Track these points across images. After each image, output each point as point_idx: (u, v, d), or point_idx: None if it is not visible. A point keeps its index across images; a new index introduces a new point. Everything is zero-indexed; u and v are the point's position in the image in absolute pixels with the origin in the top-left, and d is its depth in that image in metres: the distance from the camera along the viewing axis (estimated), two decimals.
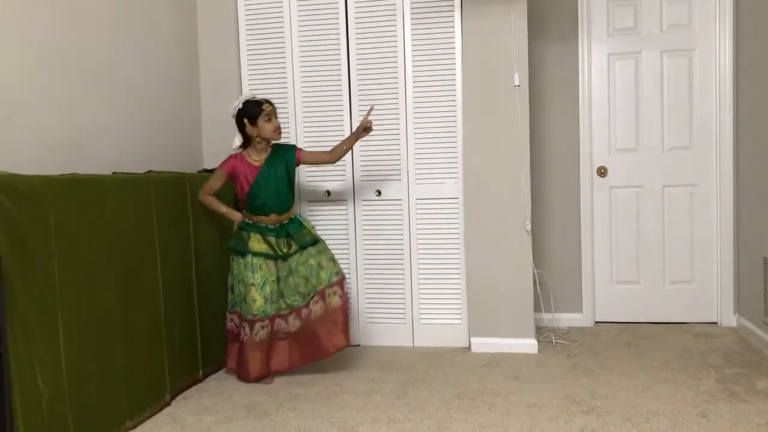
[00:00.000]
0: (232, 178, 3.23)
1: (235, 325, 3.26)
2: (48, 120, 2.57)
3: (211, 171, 3.67)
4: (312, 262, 3.19)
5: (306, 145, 3.77)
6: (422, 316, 3.71)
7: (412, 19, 3.63)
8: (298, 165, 3.31)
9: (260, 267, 3.14)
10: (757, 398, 2.75)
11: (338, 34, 3.72)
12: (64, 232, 2.27)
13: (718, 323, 3.99)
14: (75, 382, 2.29)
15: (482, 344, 3.59)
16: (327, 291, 3.17)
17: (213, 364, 3.35)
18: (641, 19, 4.01)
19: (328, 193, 3.77)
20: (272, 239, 3.19)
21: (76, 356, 2.30)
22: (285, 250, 3.19)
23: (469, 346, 3.64)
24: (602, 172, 4.08)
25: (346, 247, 3.77)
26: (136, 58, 3.23)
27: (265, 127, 3.16)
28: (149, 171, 3.11)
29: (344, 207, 3.76)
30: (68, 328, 2.26)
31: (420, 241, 3.70)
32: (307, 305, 3.17)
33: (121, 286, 2.59)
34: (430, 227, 3.69)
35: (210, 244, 3.37)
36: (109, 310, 2.50)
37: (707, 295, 4.03)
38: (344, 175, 3.74)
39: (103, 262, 2.48)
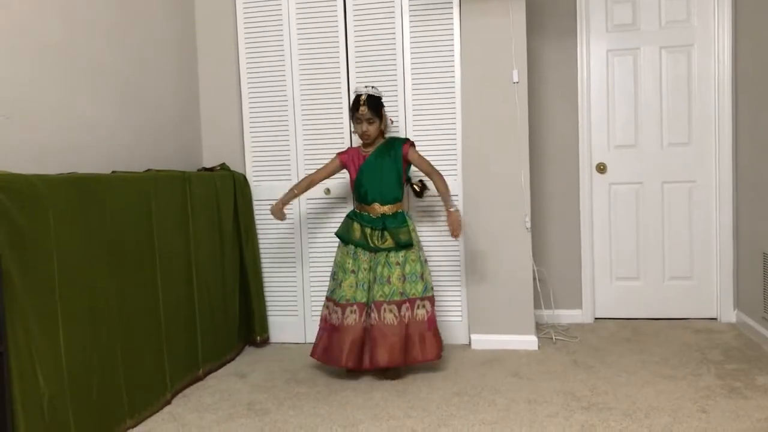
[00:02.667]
0: (345, 167, 3.29)
1: (329, 311, 3.24)
2: (47, 119, 2.57)
3: (210, 169, 3.68)
4: (411, 268, 3.16)
5: (305, 142, 3.78)
6: None
7: (410, 15, 3.63)
8: (406, 158, 3.23)
9: (358, 255, 3.17)
10: (756, 394, 2.76)
11: (336, 31, 3.71)
12: (64, 231, 2.27)
13: (718, 319, 3.99)
14: (76, 381, 2.29)
15: (482, 341, 3.60)
16: (418, 302, 3.15)
17: (213, 362, 3.35)
18: (640, 15, 4.01)
19: (328, 191, 3.77)
20: (368, 230, 3.17)
21: (77, 355, 2.31)
22: (377, 244, 3.15)
23: (469, 343, 3.65)
24: (601, 168, 4.08)
25: None
26: (135, 58, 3.22)
27: (355, 127, 3.24)
28: (148, 170, 3.11)
29: (344, 205, 3.76)
30: (68, 327, 2.26)
31: (420, 238, 3.69)
32: (400, 307, 3.10)
33: (121, 284, 2.59)
34: (430, 224, 3.69)
35: (210, 243, 3.37)
36: (109, 309, 2.50)
37: (707, 291, 4.03)
38: (344, 173, 3.73)
39: (102, 261, 2.48)
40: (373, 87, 3.25)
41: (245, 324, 3.75)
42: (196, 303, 3.20)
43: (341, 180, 3.75)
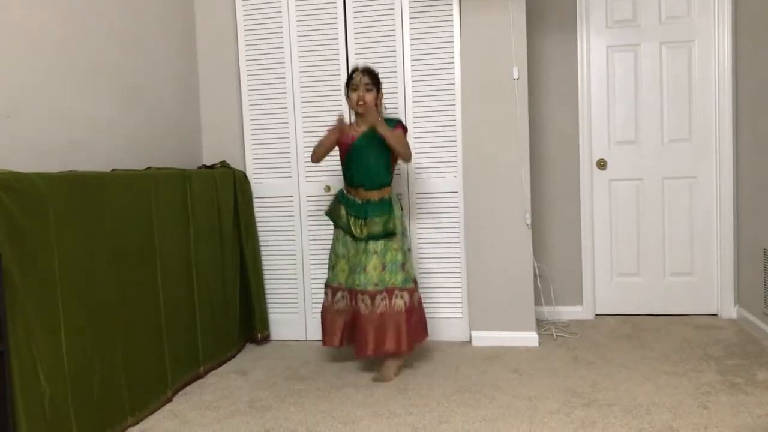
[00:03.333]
0: (339, 144, 3.20)
1: (325, 294, 3.29)
2: (47, 118, 2.57)
3: (211, 167, 3.68)
4: (392, 257, 3.09)
5: (305, 139, 3.77)
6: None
7: (410, 12, 3.62)
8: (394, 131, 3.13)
9: (346, 239, 3.17)
10: (757, 389, 2.76)
11: (336, 30, 3.71)
12: (64, 229, 2.27)
13: (719, 315, 3.99)
14: (77, 379, 2.29)
15: (483, 338, 3.60)
16: (396, 292, 3.08)
17: (214, 359, 3.36)
18: (640, 10, 4.00)
19: (328, 188, 3.77)
20: (352, 218, 3.13)
21: (78, 353, 2.31)
22: (360, 233, 3.10)
23: (470, 339, 3.65)
24: (602, 164, 4.08)
25: None
26: (135, 55, 3.22)
27: (351, 97, 3.15)
28: (148, 167, 3.11)
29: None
30: (69, 325, 2.26)
31: (420, 235, 3.70)
32: (373, 298, 3.04)
33: (121, 282, 2.59)
34: (430, 221, 3.69)
35: (210, 240, 3.37)
36: (109, 307, 2.51)
37: (707, 287, 4.03)
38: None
39: (103, 259, 2.48)
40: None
41: (246, 321, 3.76)
42: (196, 300, 3.20)
43: (341, 177, 3.74)
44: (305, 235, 3.83)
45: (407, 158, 3.15)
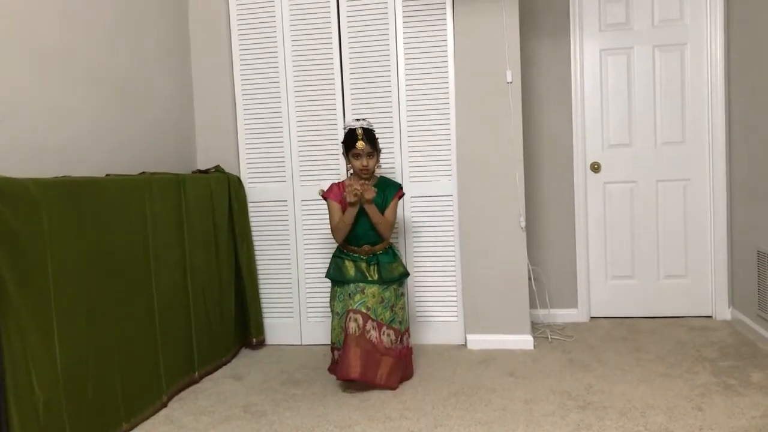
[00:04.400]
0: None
1: (332, 355, 3.25)
2: (41, 122, 2.56)
3: (205, 171, 3.67)
4: (389, 295, 3.09)
5: (300, 143, 3.77)
6: (418, 314, 3.72)
7: (404, 16, 3.63)
8: (393, 201, 3.19)
9: (351, 294, 3.07)
10: (751, 391, 2.77)
11: (330, 33, 3.71)
12: (58, 235, 2.26)
13: (713, 317, 4.00)
14: (71, 385, 2.28)
15: (478, 341, 3.60)
16: (384, 329, 3.04)
17: (209, 364, 3.35)
18: (633, 14, 4.02)
19: (323, 191, 3.77)
20: (363, 265, 3.12)
21: (72, 359, 2.30)
22: (375, 277, 3.10)
23: (465, 343, 3.65)
24: (596, 167, 4.09)
25: None
26: (129, 60, 3.21)
27: (353, 163, 3.12)
28: (143, 172, 3.11)
29: None
30: (63, 330, 2.25)
31: (415, 239, 3.71)
32: (366, 321, 3.01)
33: (115, 287, 2.58)
34: (425, 224, 3.70)
35: (205, 245, 3.36)
36: (104, 312, 2.49)
37: (702, 288, 4.04)
38: (338, 174, 3.74)
39: (97, 264, 2.47)
40: (365, 120, 3.16)
41: (241, 326, 3.75)
42: (191, 305, 3.20)
43: (336, 181, 3.74)
44: (300, 239, 3.82)
45: (385, 236, 3.16)
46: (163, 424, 2.70)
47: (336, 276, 3.17)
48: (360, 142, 3.07)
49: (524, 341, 3.57)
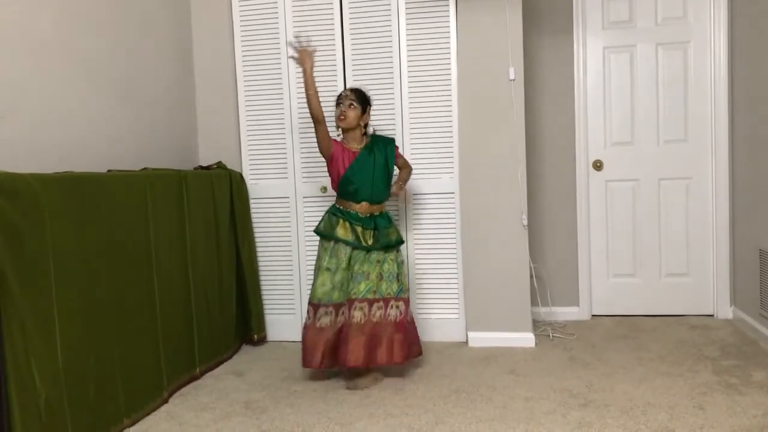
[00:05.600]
0: (332, 158, 3.10)
1: (307, 314, 3.17)
2: (42, 118, 2.56)
3: (207, 168, 3.67)
4: (389, 267, 3.10)
5: (302, 139, 3.77)
6: (419, 311, 3.71)
7: (407, 13, 3.62)
8: (397, 161, 3.21)
9: (338, 253, 3.08)
10: (753, 390, 2.76)
11: (333, 28, 3.71)
12: (60, 231, 2.26)
13: (715, 315, 4.00)
14: (72, 381, 2.28)
15: (479, 339, 3.60)
16: (392, 302, 3.06)
17: (210, 360, 3.35)
18: (636, 12, 4.01)
19: (324, 189, 3.77)
20: (359, 228, 3.09)
21: (74, 355, 2.30)
22: (369, 243, 3.08)
23: (467, 340, 3.65)
24: (598, 165, 4.09)
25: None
26: (131, 56, 3.21)
27: (335, 111, 3.14)
28: (144, 168, 3.11)
29: None
30: (65, 327, 2.25)
31: (416, 236, 3.70)
32: (371, 305, 3.02)
33: (117, 283, 2.58)
34: (427, 221, 3.69)
35: (206, 241, 3.36)
36: (105, 308, 2.50)
37: (703, 287, 4.04)
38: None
39: (98, 260, 2.47)
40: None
41: (242, 322, 3.75)
42: (192, 301, 3.20)
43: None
44: (301, 236, 3.82)
45: (407, 178, 3.31)
46: (164, 420, 2.71)
47: (325, 232, 3.12)
48: (346, 90, 3.13)
49: (525, 339, 3.56)
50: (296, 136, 3.79)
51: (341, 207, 3.14)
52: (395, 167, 3.24)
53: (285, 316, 3.89)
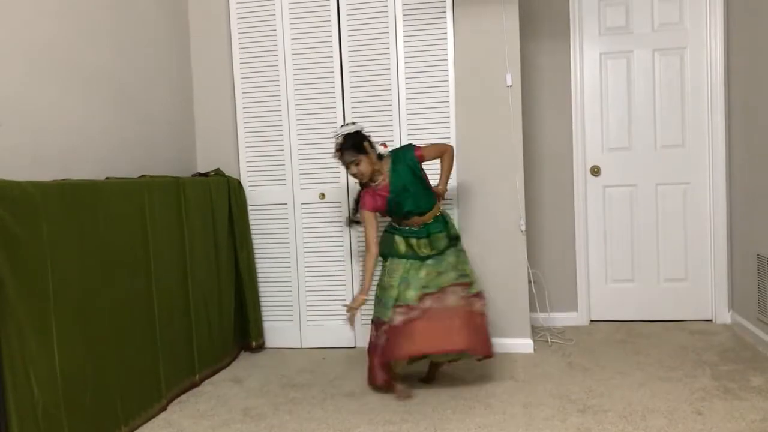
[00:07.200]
0: (377, 210, 3.06)
1: (374, 335, 3.04)
2: (40, 125, 2.56)
3: (205, 174, 3.67)
4: (463, 256, 3.09)
5: (300, 146, 3.78)
6: None
7: (404, 21, 3.63)
8: (421, 162, 3.07)
9: (399, 269, 3.01)
10: (751, 395, 2.76)
11: (330, 37, 3.72)
12: (58, 238, 2.26)
13: (713, 320, 4.00)
14: (70, 388, 2.28)
15: None
16: (472, 298, 3.01)
17: (209, 367, 3.35)
18: (633, 18, 4.02)
19: (323, 195, 3.77)
20: (414, 241, 3.04)
21: (71, 361, 2.30)
22: (426, 252, 3.03)
23: None
24: (595, 171, 4.09)
25: (342, 249, 3.77)
26: (129, 62, 3.22)
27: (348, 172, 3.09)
28: (142, 175, 3.11)
29: (339, 209, 3.76)
30: (62, 333, 2.25)
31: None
32: (466, 287, 2.97)
33: (115, 290, 2.58)
34: None
35: (204, 248, 3.36)
36: (103, 315, 2.49)
37: (702, 292, 4.04)
38: (338, 177, 3.74)
39: (97, 268, 2.47)
40: (350, 124, 3.05)
41: (240, 329, 3.75)
42: (191, 309, 3.19)
43: (336, 185, 3.75)
44: (300, 243, 3.82)
45: (451, 164, 3.21)
46: (163, 428, 2.70)
47: (385, 251, 3.08)
48: (336, 152, 3.00)
49: (524, 345, 3.56)
50: (294, 141, 3.79)
51: (395, 225, 3.12)
52: (433, 159, 3.13)
53: (283, 323, 3.88)
